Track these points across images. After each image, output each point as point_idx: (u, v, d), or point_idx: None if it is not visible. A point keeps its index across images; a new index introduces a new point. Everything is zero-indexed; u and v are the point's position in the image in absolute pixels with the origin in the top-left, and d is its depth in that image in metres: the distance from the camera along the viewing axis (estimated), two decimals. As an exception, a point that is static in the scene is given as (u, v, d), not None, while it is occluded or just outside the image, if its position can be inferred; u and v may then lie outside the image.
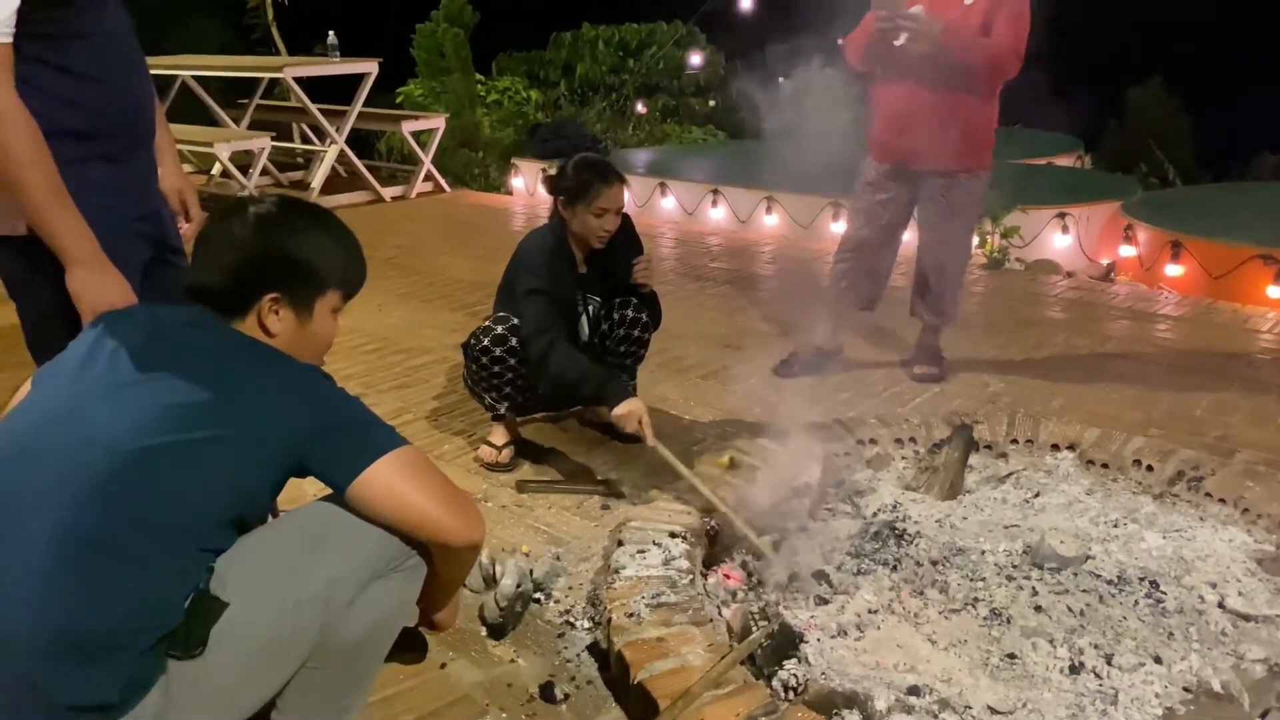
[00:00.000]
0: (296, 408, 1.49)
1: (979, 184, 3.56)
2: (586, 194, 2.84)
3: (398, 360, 4.06)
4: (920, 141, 3.44)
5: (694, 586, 2.18)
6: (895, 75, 3.49)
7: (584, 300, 3.02)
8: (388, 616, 1.64)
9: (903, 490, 2.75)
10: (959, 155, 3.45)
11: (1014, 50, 3.31)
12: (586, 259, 2.98)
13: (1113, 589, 2.25)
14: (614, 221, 2.88)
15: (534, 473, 3.02)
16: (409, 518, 1.52)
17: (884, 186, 3.63)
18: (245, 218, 1.60)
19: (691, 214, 6.71)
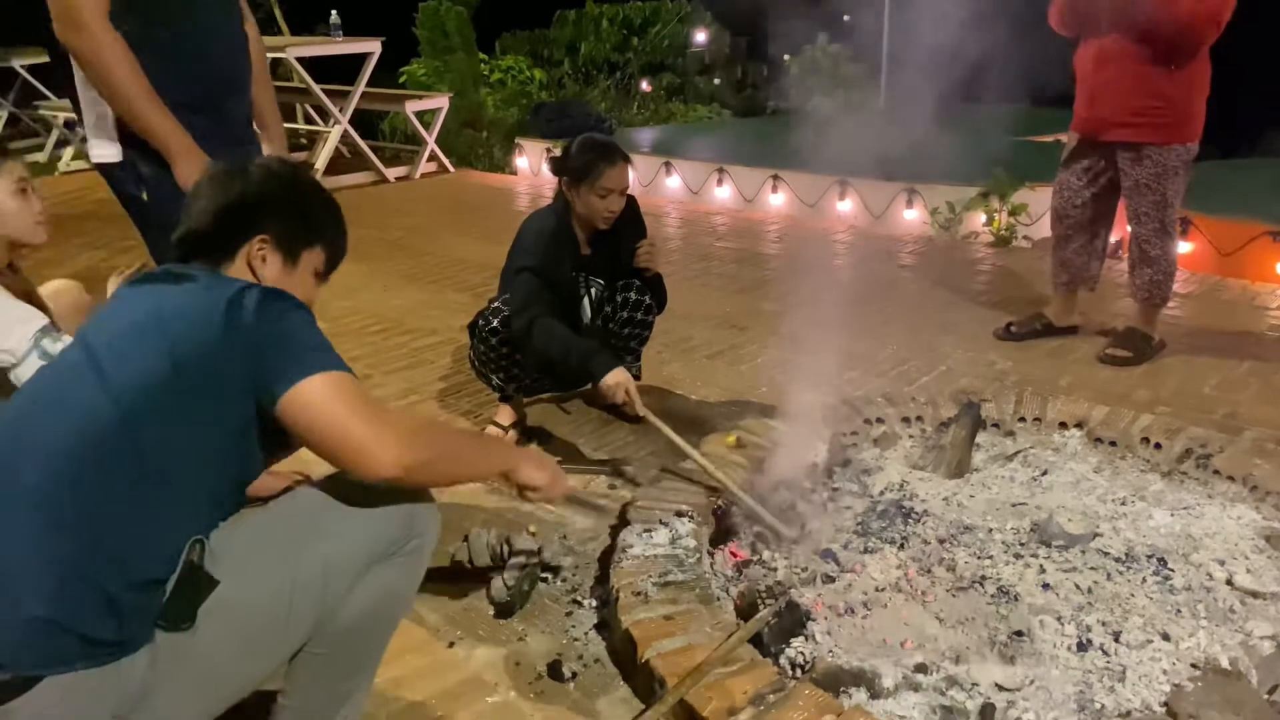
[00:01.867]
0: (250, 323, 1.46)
1: (1172, 158, 3.46)
2: (590, 174, 2.83)
3: (404, 341, 4.06)
4: (1106, 110, 3.40)
5: (701, 565, 2.19)
6: (1091, 41, 3.44)
7: (586, 283, 3.01)
8: (388, 602, 1.64)
9: (910, 469, 2.75)
10: (1147, 126, 3.38)
11: (1211, 16, 3.22)
12: (591, 241, 2.97)
13: (1120, 566, 2.25)
14: (618, 202, 2.86)
15: (541, 453, 3.02)
16: (331, 436, 1.45)
17: (1080, 159, 3.63)
18: (242, 166, 1.68)
19: (697, 193, 6.68)
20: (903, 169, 5.90)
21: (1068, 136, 3.75)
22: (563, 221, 2.91)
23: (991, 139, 6.80)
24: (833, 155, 6.40)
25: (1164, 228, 3.57)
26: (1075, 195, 3.70)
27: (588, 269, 3.00)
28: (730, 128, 9.30)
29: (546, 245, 2.87)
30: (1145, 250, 3.61)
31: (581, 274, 2.99)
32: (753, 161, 6.56)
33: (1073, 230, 3.76)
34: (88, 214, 6.40)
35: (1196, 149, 3.53)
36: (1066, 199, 3.74)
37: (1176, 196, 3.54)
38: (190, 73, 2.35)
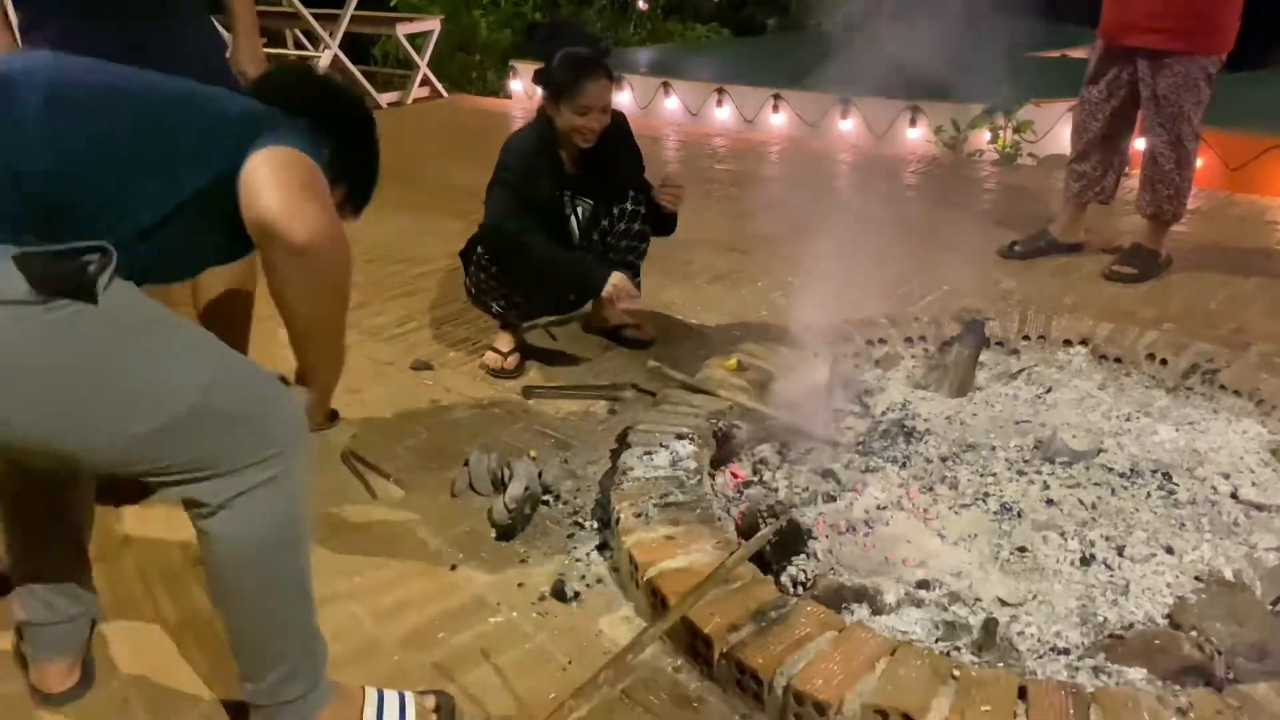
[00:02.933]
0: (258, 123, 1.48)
1: (1195, 70, 3.36)
2: (570, 91, 2.75)
3: (399, 269, 4.01)
4: (1133, 14, 3.31)
5: (702, 486, 2.17)
6: None
7: (572, 201, 2.94)
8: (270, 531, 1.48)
9: (912, 389, 2.72)
10: (1172, 34, 3.28)
11: None
12: (579, 160, 2.90)
13: (1125, 482, 2.23)
14: (599, 120, 2.78)
15: (540, 378, 3.00)
16: (255, 202, 1.39)
17: (1103, 72, 3.55)
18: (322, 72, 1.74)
19: (696, 115, 6.55)
20: (906, 87, 5.78)
21: (1091, 49, 3.65)
22: (545, 138, 2.84)
23: (997, 55, 6.65)
24: (835, 73, 6.29)
25: (1179, 142, 3.49)
26: (1097, 109, 3.62)
27: (574, 188, 2.93)
28: (730, 47, 9.10)
29: (526, 160, 2.82)
30: (1159, 165, 3.53)
31: (567, 193, 2.92)
32: (753, 81, 6.42)
33: (1091, 144, 3.68)
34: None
35: (1221, 63, 3.42)
36: (1088, 113, 3.66)
37: (1196, 111, 3.45)
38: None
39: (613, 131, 2.87)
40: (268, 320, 2.01)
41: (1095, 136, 3.66)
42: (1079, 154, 3.75)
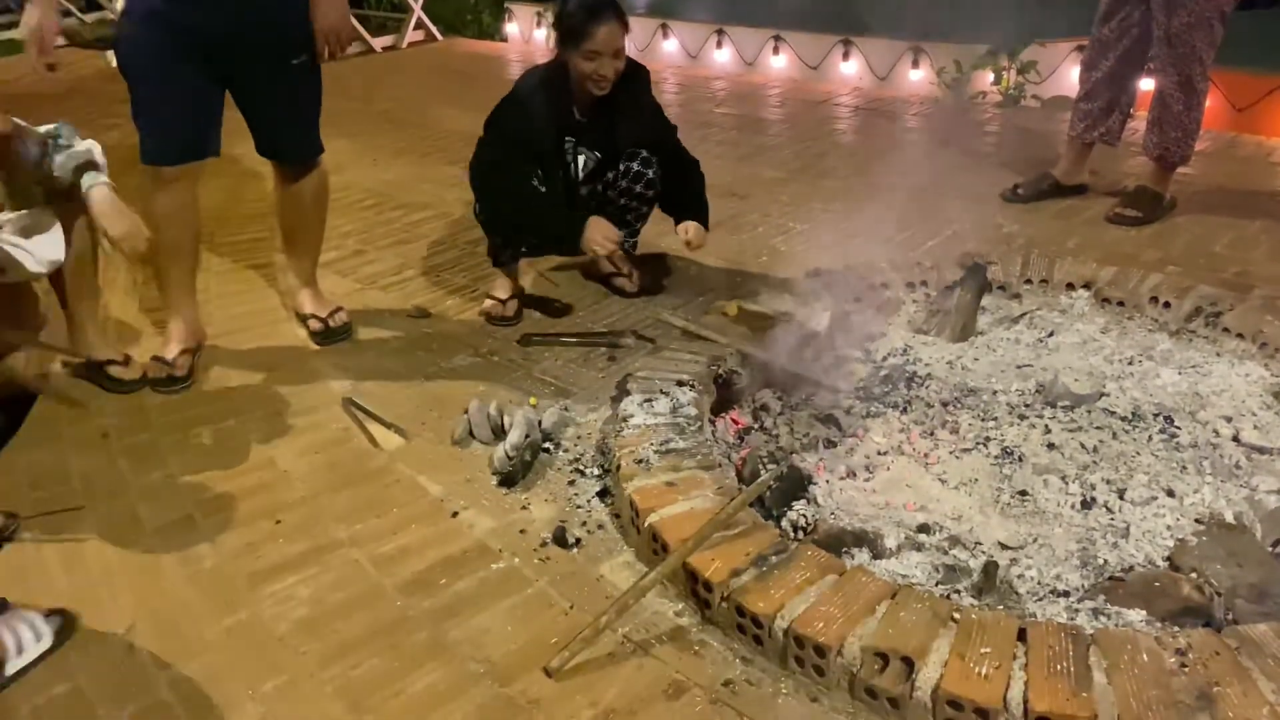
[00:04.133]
0: None
1: (1208, 7, 3.28)
2: (579, 35, 2.69)
3: (396, 216, 3.97)
4: None
5: (702, 433, 2.17)
6: None
7: (575, 150, 2.90)
8: None
9: (913, 334, 2.71)
10: None
11: None
12: (590, 110, 2.85)
13: (1126, 425, 2.23)
14: (609, 66, 2.73)
15: (539, 326, 2.98)
16: None
17: (1116, 7, 3.48)
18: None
19: (695, 57, 6.45)
20: (908, 28, 5.68)
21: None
22: (554, 81, 2.79)
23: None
24: (836, 14, 6.18)
25: (1189, 82, 3.42)
26: (1107, 48, 3.55)
27: (580, 137, 2.88)
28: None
29: (527, 99, 2.79)
30: (1167, 105, 3.47)
31: (570, 140, 2.88)
32: (753, 22, 6.30)
33: (1099, 83, 3.62)
34: (68, 91, 6.21)
35: (1235, 1, 3.34)
36: (1098, 51, 3.60)
37: (1207, 51, 3.37)
38: None
39: (630, 86, 2.81)
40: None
41: (1104, 76, 3.60)
42: (1085, 93, 3.69)
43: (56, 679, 1.70)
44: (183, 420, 2.53)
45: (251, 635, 1.80)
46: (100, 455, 2.39)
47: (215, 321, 3.02)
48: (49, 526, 2.11)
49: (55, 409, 2.60)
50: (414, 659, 1.73)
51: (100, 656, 1.75)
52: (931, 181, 4.07)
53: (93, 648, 1.77)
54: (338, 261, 3.49)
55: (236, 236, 3.37)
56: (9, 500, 2.19)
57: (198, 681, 1.69)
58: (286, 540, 2.05)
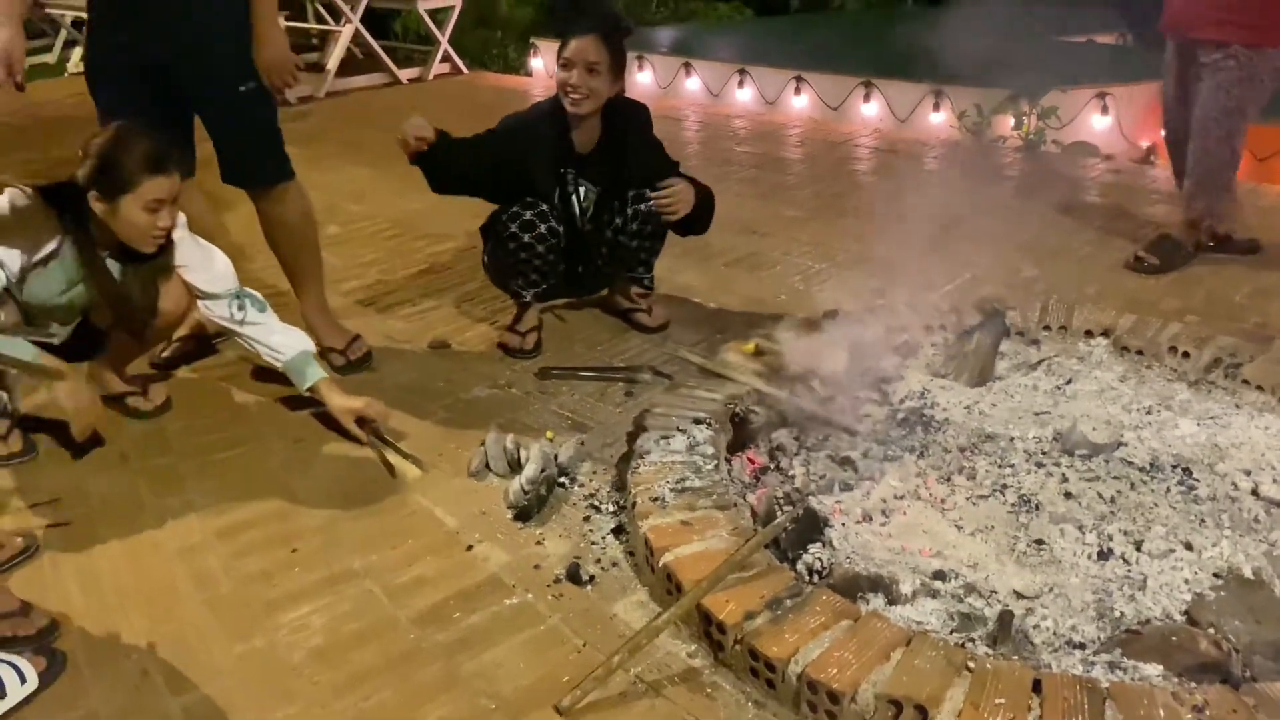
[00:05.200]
0: None
1: (1261, 63, 3.20)
2: (560, 45, 2.79)
3: (419, 246, 4.01)
4: (1195, 5, 3.20)
5: (718, 472, 2.17)
6: None
7: (575, 182, 2.93)
8: None
9: (931, 377, 2.71)
10: (1235, 25, 3.16)
11: None
12: (590, 144, 2.89)
13: (1144, 476, 2.22)
14: (580, 78, 2.76)
15: (557, 359, 2.99)
16: None
17: (1172, 65, 3.45)
18: None
19: (717, 95, 6.51)
20: (929, 69, 5.73)
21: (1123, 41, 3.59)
22: (556, 111, 2.85)
23: (1023, 39, 6.57)
24: (858, 56, 6.23)
25: (1228, 138, 3.36)
26: (1173, 104, 3.51)
27: (579, 169, 2.92)
28: (752, 26, 9.03)
29: (524, 124, 2.86)
30: (1200, 162, 3.41)
31: (570, 171, 2.92)
32: (775, 62, 6.37)
33: (1176, 139, 3.56)
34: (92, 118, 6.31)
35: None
36: (1166, 107, 3.58)
37: (1253, 107, 3.33)
38: None
39: (631, 123, 2.86)
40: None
41: (1176, 130, 3.54)
42: (1169, 148, 3.62)
43: (70, 702, 1.71)
44: (202, 445, 2.55)
45: (265, 663, 1.80)
46: (120, 477, 2.41)
47: (236, 346, 3.04)
48: (67, 547, 2.13)
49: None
50: (426, 692, 1.73)
51: (114, 680, 1.76)
52: (951, 224, 4.08)
53: (106, 670, 1.78)
54: (358, 290, 3.52)
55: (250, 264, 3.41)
56: (28, 519, 2.21)
57: (210, 708, 1.70)
58: (302, 568, 2.06)
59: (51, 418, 2.49)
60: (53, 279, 2.36)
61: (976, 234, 3.88)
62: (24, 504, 2.29)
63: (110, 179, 2.25)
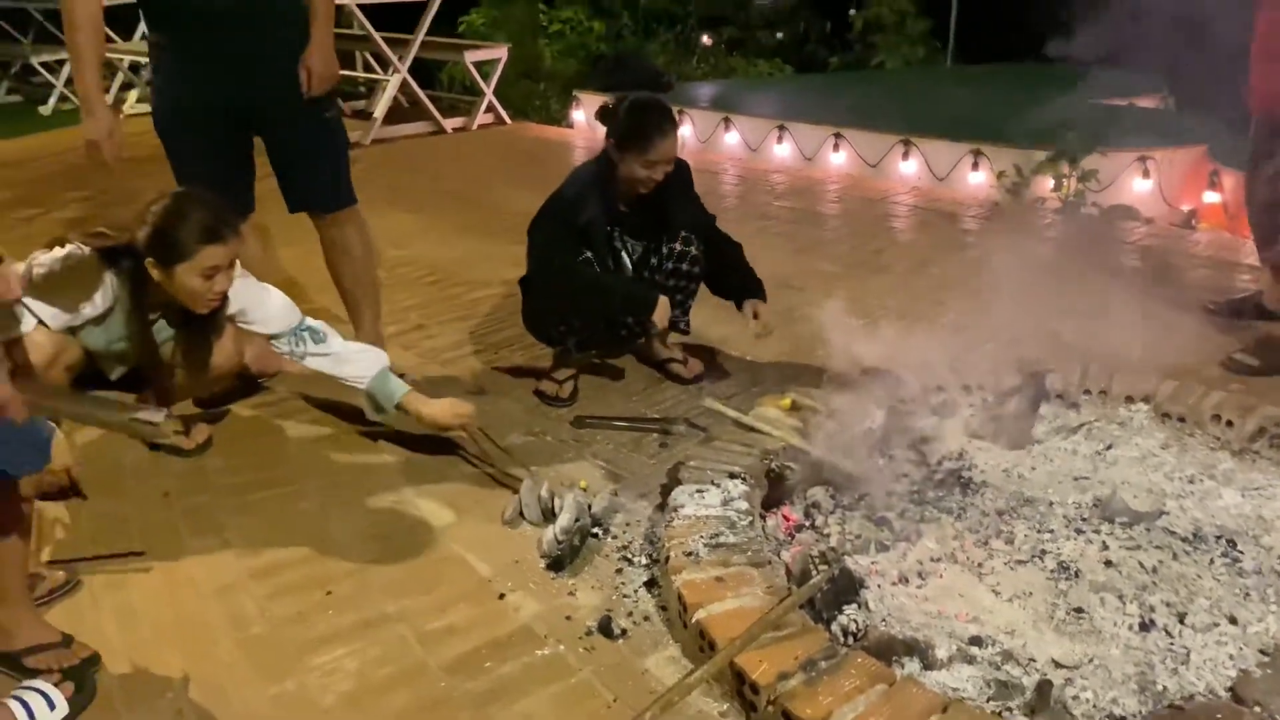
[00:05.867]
0: None
1: None
2: (637, 142, 2.78)
3: (458, 293, 4.06)
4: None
5: (753, 528, 2.16)
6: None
7: (621, 238, 2.98)
8: None
9: (969, 438, 2.69)
10: None
11: None
12: (632, 202, 2.93)
13: (1187, 546, 2.18)
14: (664, 172, 2.82)
15: (592, 408, 3.01)
16: None
17: (1260, 141, 3.34)
18: None
19: (756, 150, 6.57)
20: (969, 129, 5.76)
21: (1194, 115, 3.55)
22: (604, 175, 2.88)
23: (1063, 100, 6.59)
24: (897, 113, 6.28)
25: None
26: (1261, 181, 3.40)
27: (624, 226, 2.96)
28: (792, 84, 9.14)
29: (578, 193, 2.87)
30: None
31: (616, 229, 2.96)
32: (814, 119, 6.43)
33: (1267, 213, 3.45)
34: (151, 156, 6.44)
35: None
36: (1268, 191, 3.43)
37: None
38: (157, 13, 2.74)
39: (673, 177, 2.89)
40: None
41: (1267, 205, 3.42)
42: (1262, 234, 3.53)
43: (104, 738, 1.72)
44: (241, 484, 2.59)
45: (297, 706, 1.81)
46: (160, 514, 2.44)
47: (280, 384, 3.09)
48: (107, 583, 2.16)
49: (120, 464, 2.67)
50: (455, 742, 1.72)
51: (148, 718, 1.77)
52: (989, 284, 4.07)
53: (141, 708, 1.80)
54: (399, 335, 3.57)
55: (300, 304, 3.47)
56: (70, 552, 2.24)
57: (241, 750, 1.70)
58: (336, 611, 2.07)
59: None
60: (111, 329, 2.44)
61: (1015, 294, 3.86)
62: (68, 537, 2.33)
63: (167, 248, 2.33)
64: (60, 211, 5.24)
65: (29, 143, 6.99)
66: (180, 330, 2.50)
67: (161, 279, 2.36)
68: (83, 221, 4.93)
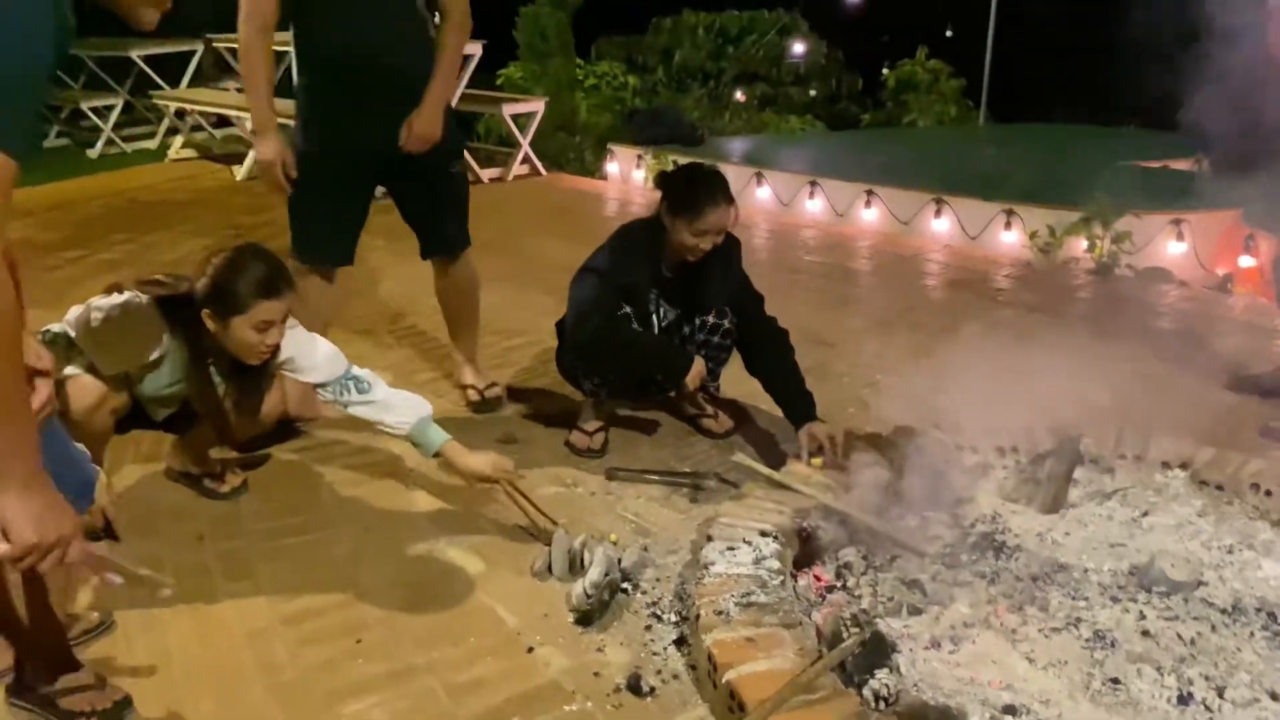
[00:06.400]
0: None
1: None
2: (690, 210, 2.80)
3: (492, 341, 4.09)
4: None
5: (785, 588, 2.15)
6: None
7: (658, 301, 3.00)
8: None
9: (1003, 501, 2.67)
10: None
11: None
12: (676, 268, 2.95)
13: (1226, 618, 2.14)
14: (711, 242, 2.84)
15: (624, 460, 3.02)
16: None
17: None
18: None
19: (787, 205, 6.62)
20: (1002, 189, 5.78)
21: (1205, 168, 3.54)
22: (653, 236, 2.90)
23: (1096, 161, 6.60)
24: (929, 171, 6.32)
25: None
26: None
27: (662, 290, 2.98)
28: (824, 140, 9.21)
29: (627, 253, 2.90)
30: None
31: (654, 292, 2.98)
32: (846, 175, 6.47)
33: None
34: (193, 201, 6.63)
35: None
36: None
37: None
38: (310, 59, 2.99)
39: (720, 251, 2.91)
40: None
41: None
42: None
43: (134, 782, 1.73)
44: (274, 529, 2.61)
45: (325, 756, 1.81)
46: (194, 557, 2.47)
47: (317, 429, 3.13)
48: (140, 625, 2.17)
49: (156, 506, 2.70)
50: (482, 798, 1.71)
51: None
52: (1022, 344, 4.06)
53: (171, 753, 1.80)
54: (431, 382, 3.61)
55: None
56: (103, 594, 2.27)
57: (269, 799, 1.70)
58: (366, 660, 2.08)
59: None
60: (161, 376, 2.50)
61: (1048, 355, 3.84)
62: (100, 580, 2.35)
63: (225, 300, 2.39)
64: (105, 253, 5.36)
65: (76, 185, 7.16)
66: (230, 380, 2.55)
67: (216, 330, 2.41)
68: (123, 264, 5.05)
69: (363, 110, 2.92)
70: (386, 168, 3.06)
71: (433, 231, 3.25)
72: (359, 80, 2.90)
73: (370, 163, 3.03)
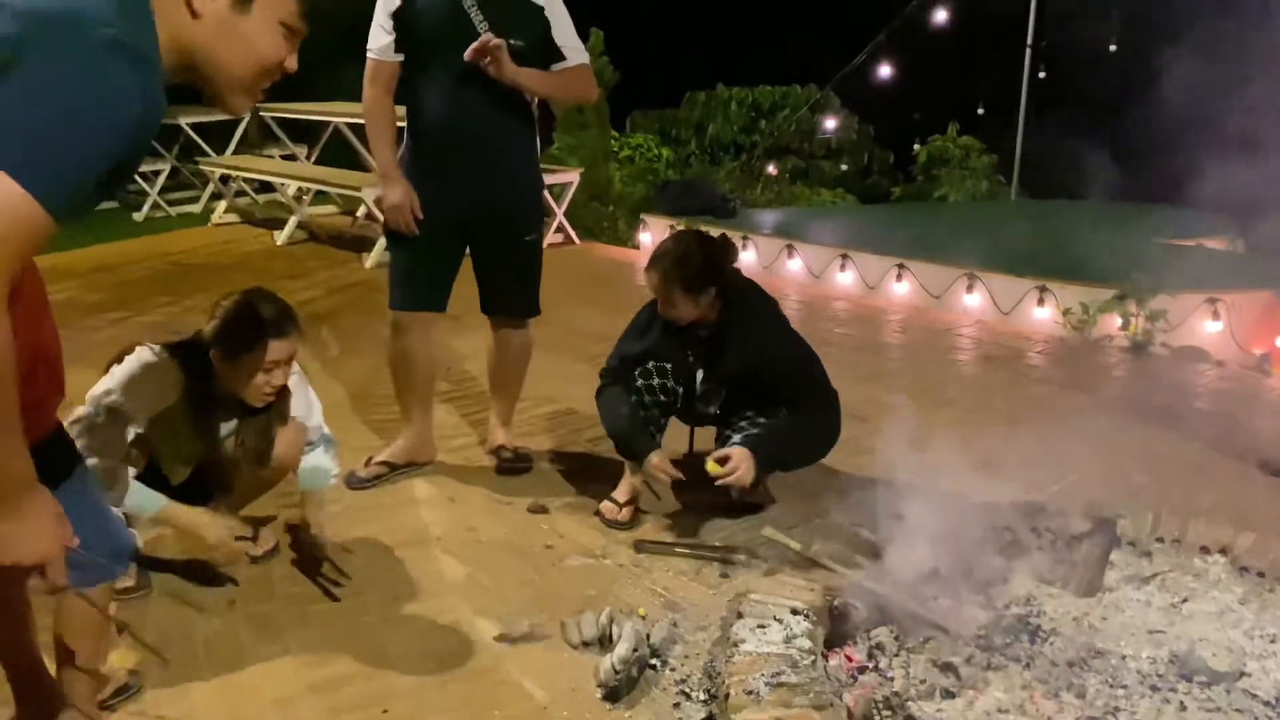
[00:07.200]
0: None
1: None
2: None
3: (523, 409, 4.09)
4: None
5: (815, 668, 2.12)
6: None
7: (694, 364, 3.09)
8: None
9: (1038, 583, 2.63)
10: None
11: None
12: (710, 327, 3.06)
13: (1270, 711, 2.09)
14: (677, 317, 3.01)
15: (654, 532, 3.01)
16: None
17: None
18: None
19: (818, 277, 6.66)
20: (1034, 265, 5.78)
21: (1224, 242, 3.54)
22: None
23: (1129, 239, 6.60)
24: (961, 246, 6.35)
25: None
26: None
27: (695, 352, 3.09)
28: (855, 213, 9.30)
29: (633, 325, 3.16)
30: None
31: (690, 354, 3.07)
32: (877, 248, 6.51)
33: None
34: (235, 265, 6.77)
35: None
36: None
37: None
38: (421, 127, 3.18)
39: (742, 317, 3.04)
40: None
41: None
42: None
43: None
44: (304, 594, 2.61)
45: (349, 830, 1.79)
46: (224, 621, 2.48)
47: (346, 499, 3.15)
48: (169, 690, 2.18)
49: (189, 569, 2.72)
50: None
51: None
52: (1056, 421, 4.03)
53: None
54: (463, 449, 3.63)
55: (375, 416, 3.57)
56: (133, 656, 2.28)
57: None
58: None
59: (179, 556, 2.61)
60: (172, 423, 2.52)
61: (1082, 434, 3.81)
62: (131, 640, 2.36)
63: (232, 340, 2.44)
64: (147, 315, 5.48)
65: (121, 248, 7.35)
66: (241, 421, 2.59)
67: (224, 370, 2.46)
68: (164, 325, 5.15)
69: (456, 176, 3.11)
70: (469, 230, 3.23)
71: (499, 293, 3.39)
72: (457, 149, 3.10)
73: (458, 223, 3.19)
